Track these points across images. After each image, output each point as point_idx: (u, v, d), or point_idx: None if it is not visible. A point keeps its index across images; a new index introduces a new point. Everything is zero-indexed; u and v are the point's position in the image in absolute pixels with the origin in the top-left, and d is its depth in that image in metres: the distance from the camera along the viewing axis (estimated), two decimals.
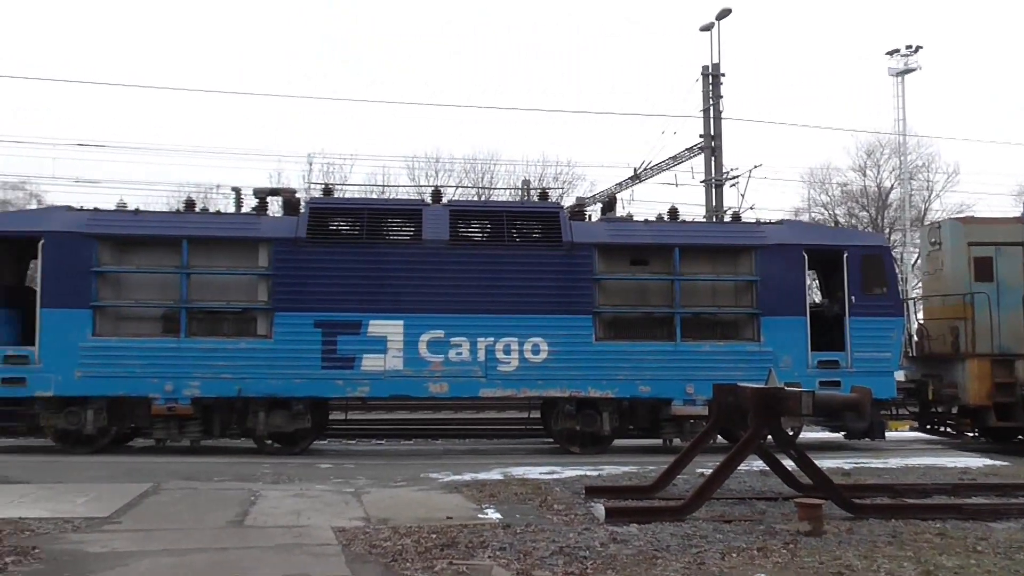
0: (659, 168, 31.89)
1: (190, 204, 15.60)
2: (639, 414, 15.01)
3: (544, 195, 16.98)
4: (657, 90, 77.00)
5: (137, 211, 14.93)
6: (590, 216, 16.48)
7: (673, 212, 15.88)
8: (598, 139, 72.39)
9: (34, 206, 45.53)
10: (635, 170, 32.48)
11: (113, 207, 15.02)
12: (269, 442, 14.60)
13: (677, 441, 15.04)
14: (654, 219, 15.76)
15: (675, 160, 31.22)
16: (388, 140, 74.64)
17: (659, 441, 15.44)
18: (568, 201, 32.97)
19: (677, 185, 31.75)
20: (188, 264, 14.24)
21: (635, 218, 16.19)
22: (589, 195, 35.53)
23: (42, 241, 14.02)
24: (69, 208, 14.82)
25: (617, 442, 15.42)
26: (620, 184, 33.25)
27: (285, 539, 7.46)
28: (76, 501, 9.04)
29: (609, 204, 17.18)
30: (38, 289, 14.06)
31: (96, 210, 14.78)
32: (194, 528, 7.93)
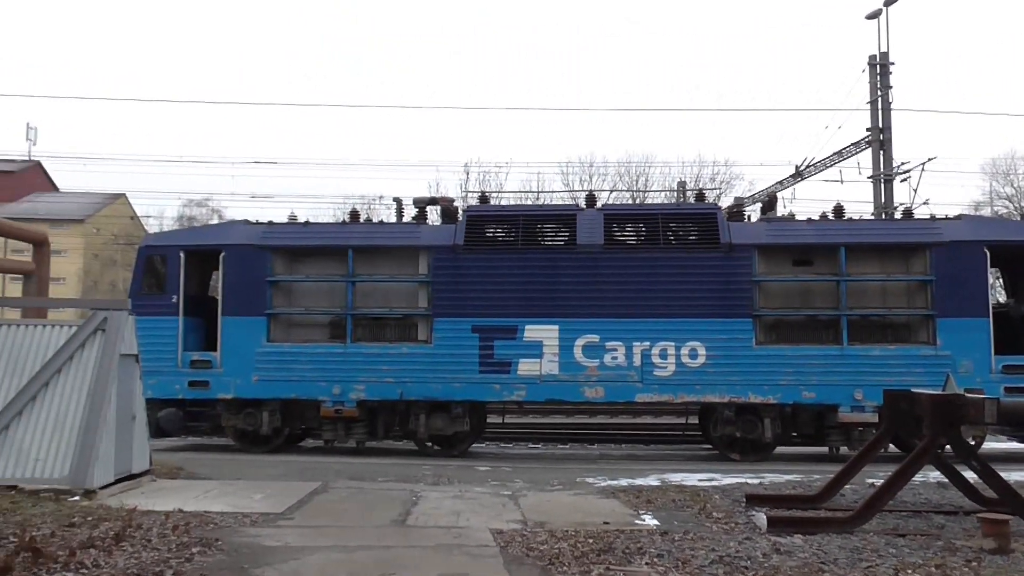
0: (822, 165, 30.56)
1: (354, 215, 16.31)
2: (802, 420, 14.43)
3: (700, 196, 16.65)
4: (821, 83, 73.93)
5: (306, 223, 15.74)
6: (749, 216, 16.02)
7: (838, 210, 15.18)
8: (757, 137, 70.31)
9: (215, 221, 49.00)
10: (796, 167, 31.27)
11: (285, 220, 15.92)
12: (429, 444, 15.02)
13: (844, 449, 14.36)
14: (818, 217, 15.12)
15: (840, 155, 29.83)
16: (542, 146, 75.49)
17: (824, 449, 14.80)
18: (726, 202, 32.17)
19: (842, 182, 30.29)
20: (353, 273, 14.88)
21: (797, 217, 15.60)
22: (748, 195, 34.56)
23: (223, 254, 15.03)
24: (246, 222, 15.82)
25: (779, 449, 14.89)
26: (781, 182, 32.11)
27: (445, 539, 7.64)
28: (253, 497, 9.60)
29: (769, 203, 16.62)
30: (219, 298, 15.09)
31: (270, 223, 15.71)
32: (360, 526, 8.25)
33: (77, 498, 8.86)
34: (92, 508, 8.35)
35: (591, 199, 15.59)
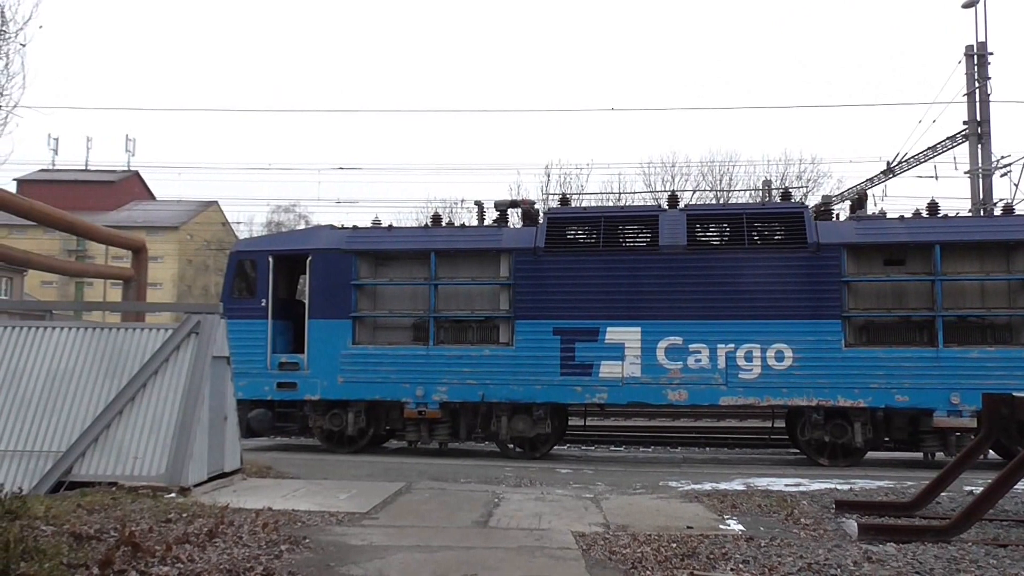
0: (915, 160, 29.53)
1: (437, 219, 16.52)
2: (895, 425, 13.98)
3: (786, 195, 16.32)
4: (914, 76, 71.46)
5: (390, 227, 16.01)
6: (837, 215, 15.62)
7: (932, 207, 14.66)
8: (846, 133, 68.37)
9: (302, 226, 50.16)
10: (888, 163, 30.30)
11: (369, 224, 16.22)
12: (511, 446, 15.08)
13: (940, 455, 13.86)
14: (910, 215, 14.64)
15: (934, 150, 28.78)
16: (623, 147, 75.08)
17: (919, 455, 14.33)
18: (813, 200, 31.38)
19: (937, 178, 29.29)
20: (436, 276, 15.05)
21: (888, 215, 15.13)
22: (836, 193, 33.63)
23: (309, 258, 15.40)
24: (332, 227, 16.19)
25: (870, 455, 14.47)
26: (871, 180, 31.17)
27: (527, 541, 7.65)
28: (339, 497, 9.80)
29: (858, 201, 16.16)
30: (306, 302, 15.45)
31: (355, 228, 16.03)
32: (442, 526, 8.34)
33: (173, 495, 9.18)
34: (187, 505, 8.64)
35: (673, 199, 15.42)
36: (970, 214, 23.38)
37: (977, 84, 26.63)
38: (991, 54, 26.73)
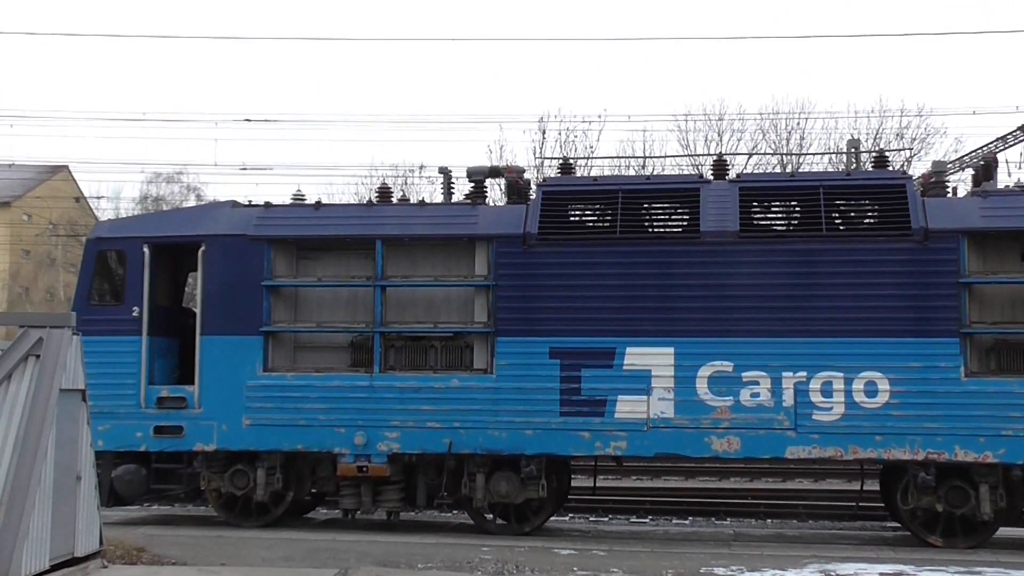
0: None
1: (385, 193, 16.46)
2: None
3: (881, 160, 16.35)
4: None
5: (318, 204, 15.93)
6: (955, 189, 15.70)
7: None
8: (967, 73, 68.74)
9: (192, 202, 50.05)
10: None
11: (288, 200, 16.13)
12: (490, 516, 15.06)
13: None
14: None
15: None
16: (650, 93, 75.19)
17: None
18: (920, 168, 31.57)
19: None
20: (383, 274, 14.97)
21: None
22: (953, 158, 33.86)
23: (202, 248, 15.30)
24: (235, 204, 16.10)
25: (1003, 532, 14.53)
26: (1003, 139, 31.41)
27: None
28: None
29: (985, 170, 16.25)
30: (198, 311, 15.35)
31: (268, 206, 15.93)
32: None
33: None
34: None
35: (721, 166, 15.45)
36: None
37: None
38: None
